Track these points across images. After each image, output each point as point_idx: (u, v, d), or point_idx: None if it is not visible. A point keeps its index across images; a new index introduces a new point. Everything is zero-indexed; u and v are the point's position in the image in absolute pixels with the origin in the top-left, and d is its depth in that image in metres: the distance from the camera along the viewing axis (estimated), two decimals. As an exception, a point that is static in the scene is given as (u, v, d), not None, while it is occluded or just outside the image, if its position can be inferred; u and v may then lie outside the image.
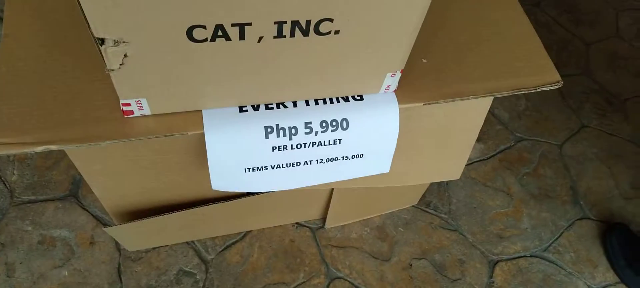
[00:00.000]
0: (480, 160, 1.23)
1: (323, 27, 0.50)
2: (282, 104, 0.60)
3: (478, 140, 1.26)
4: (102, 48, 0.46)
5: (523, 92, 0.64)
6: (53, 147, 0.53)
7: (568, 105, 1.36)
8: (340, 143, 0.61)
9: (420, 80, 0.64)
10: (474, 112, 0.73)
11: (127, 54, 0.47)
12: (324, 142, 0.60)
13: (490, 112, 1.32)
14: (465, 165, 1.20)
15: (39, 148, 0.53)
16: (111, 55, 0.47)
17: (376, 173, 0.72)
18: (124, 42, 0.46)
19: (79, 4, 0.41)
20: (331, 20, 0.49)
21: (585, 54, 1.48)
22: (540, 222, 1.15)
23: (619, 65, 1.47)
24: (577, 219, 1.17)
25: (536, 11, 1.57)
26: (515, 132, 1.29)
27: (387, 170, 0.71)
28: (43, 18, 0.63)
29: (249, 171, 0.63)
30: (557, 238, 1.14)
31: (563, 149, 1.28)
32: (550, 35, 1.52)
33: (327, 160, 0.65)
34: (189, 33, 0.47)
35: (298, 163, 0.64)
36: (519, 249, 1.11)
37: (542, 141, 1.28)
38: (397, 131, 0.62)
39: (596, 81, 1.42)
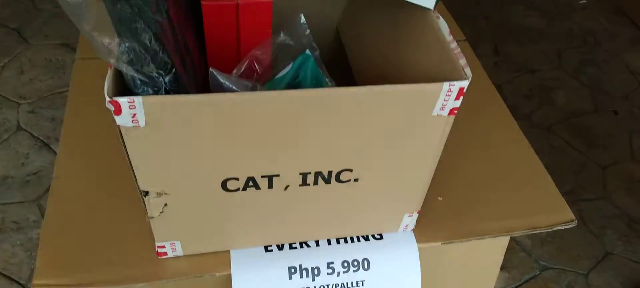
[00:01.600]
0: (505, 289, 1.20)
1: (343, 176, 0.55)
2: (305, 242, 0.63)
3: (502, 268, 1.24)
4: (146, 199, 0.51)
5: (538, 232, 0.66)
6: (91, 289, 0.57)
7: (590, 230, 1.35)
8: (363, 285, 0.62)
9: (437, 219, 0.67)
10: (491, 250, 0.74)
11: (167, 204, 0.52)
12: (347, 284, 0.62)
13: (513, 238, 1.31)
14: (490, 296, 1.17)
15: (78, 290, 0.56)
16: (153, 205, 0.52)
17: None
18: (165, 193, 0.51)
19: (131, 166, 0.47)
20: (351, 170, 0.54)
21: (601, 178, 1.50)
22: None
23: (638, 188, 1.47)
24: None
25: (548, 135, 1.61)
26: (539, 260, 1.27)
27: None
28: (91, 160, 0.70)
29: None
30: None
31: (589, 279, 1.24)
32: (564, 159, 1.54)
33: None
34: (224, 184, 0.52)
35: None
36: None
37: (567, 270, 1.26)
38: (419, 272, 0.63)
39: (616, 206, 1.42)
